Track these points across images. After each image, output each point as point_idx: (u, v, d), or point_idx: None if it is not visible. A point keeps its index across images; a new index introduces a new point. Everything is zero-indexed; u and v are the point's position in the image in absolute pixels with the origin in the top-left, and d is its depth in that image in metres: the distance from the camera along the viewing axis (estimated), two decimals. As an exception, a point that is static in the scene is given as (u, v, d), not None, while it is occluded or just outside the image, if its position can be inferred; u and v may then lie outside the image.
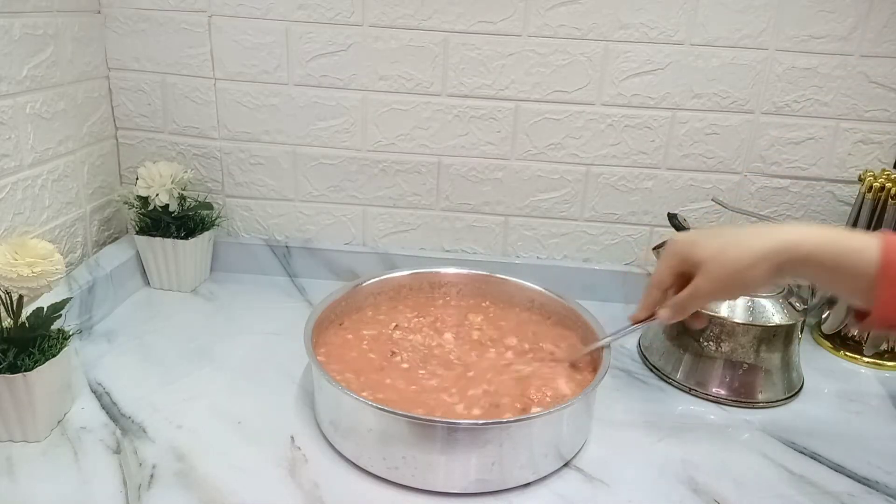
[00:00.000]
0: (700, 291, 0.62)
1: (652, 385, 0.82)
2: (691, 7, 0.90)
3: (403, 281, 0.89)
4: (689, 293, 0.63)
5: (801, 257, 0.57)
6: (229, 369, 0.80)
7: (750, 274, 0.58)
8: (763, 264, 0.58)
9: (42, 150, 0.84)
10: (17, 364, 0.62)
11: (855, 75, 0.92)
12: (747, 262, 0.58)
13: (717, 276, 0.60)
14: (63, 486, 0.60)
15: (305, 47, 0.94)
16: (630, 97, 0.94)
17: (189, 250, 0.95)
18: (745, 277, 0.59)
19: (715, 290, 0.62)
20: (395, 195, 1.02)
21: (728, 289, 0.62)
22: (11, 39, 0.77)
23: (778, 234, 0.58)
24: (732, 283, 0.60)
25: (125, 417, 0.70)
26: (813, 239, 0.56)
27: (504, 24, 0.92)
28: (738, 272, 0.59)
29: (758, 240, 0.58)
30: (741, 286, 0.61)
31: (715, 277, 0.60)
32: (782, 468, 0.68)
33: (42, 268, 0.62)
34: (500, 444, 0.60)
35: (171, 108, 0.99)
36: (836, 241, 0.56)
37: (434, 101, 0.96)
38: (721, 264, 0.60)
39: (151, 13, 0.94)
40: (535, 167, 0.99)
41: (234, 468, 0.63)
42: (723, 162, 0.97)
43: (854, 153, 0.96)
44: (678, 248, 0.64)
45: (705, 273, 0.61)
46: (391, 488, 0.62)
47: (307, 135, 0.99)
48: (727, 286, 0.61)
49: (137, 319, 0.90)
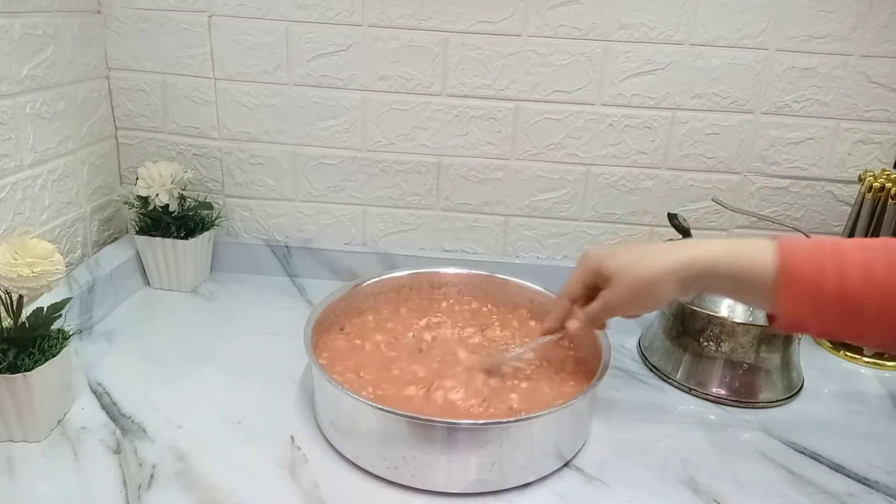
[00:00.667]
0: (609, 304, 0.64)
1: (652, 385, 0.82)
2: (691, 7, 0.90)
3: (403, 281, 0.89)
4: (599, 305, 0.65)
5: (704, 271, 0.59)
6: (229, 369, 0.80)
7: (657, 289, 0.61)
8: (670, 278, 0.60)
9: (42, 150, 0.84)
10: (17, 364, 0.62)
11: (855, 75, 0.92)
12: (654, 276, 0.60)
13: (626, 290, 0.62)
14: (63, 486, 0.60)
15: (305, 47, 0.94)
16: (630, 97, 0.94)
17: (189, 250, 0.95)
18: (652, 292, 0.61)
19: (623, 303, 0.64)
20: (395, 195, 1.02)
21: (636, 302, 0.64)
22: (11, 39, 0.77)
23: (683, 250, 0.60)
24: (640, 296, 0.63)
25: (125, 417, 0.70)
26: (713, 252, 0.59)
27: (504, 24, 0.92)
28: (645, 286, 0.61)
29: (665, 255, 0.60)
30: (649, 300, 0.63)
31: (624, 290, 0.63)
32: (782, 468, 0.68)
33: (42, 268, 0.62)
34: (500, 444, 0.60)
35: (171, 108, 0.99)
36: (736, 252, 0.58)
37: (434, 101, 0.96)
38: (630, 277, 0.62)
39: (151, 13, 0.94)
40: (535, 167, 0.99)
41: (234, 468, 0.63)
42: (723, 162, 0.97)
43: (854, 153, 0.96)
44: (590, 261, 0.66)
45: (615, 286, 0.63)
46: (391, 488, 0.62)
47: (307, 135, 0.99)
48: (635, 300, 0.63)
49: (137, 319, 0.90)
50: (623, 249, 0.64)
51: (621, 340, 0.91)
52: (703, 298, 0.81)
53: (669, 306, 0.85)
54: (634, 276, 0.62)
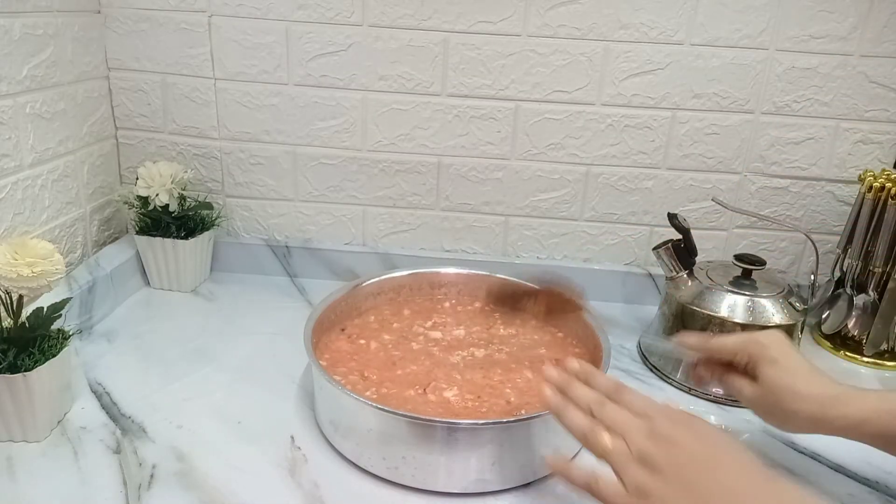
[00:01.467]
0: (744, 398, 0.62)
1: (652, 385, 0.82)
2: (691, 7, 0.90)
3: (403, 281, 0.89)
4: (737, 390, 0.63)
5: (851, 428, 0.57)
6: (229, 369, 0.80)
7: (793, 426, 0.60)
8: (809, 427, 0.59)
9: (42, 150, 0.84)
10: (17, 364, 0.62)
11: (855, 75, 0.92)
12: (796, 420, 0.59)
13: (764, 406, 0.61)
14: (63, 486, 0.60)
15: (305, 47, 0.94)
16: (630, 97, 0.94)
17: (189, 250, 0.95)
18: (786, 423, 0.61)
19: (755, 409, 0.62)
20: (395, 195, 1.02)
21: (767, 417, 0.62)
22: (11, 39, 0.77)
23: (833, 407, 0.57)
24: (774, 419, 0.61)
25: (125, 417, 0.70)
26: (864, 414, 0.56)
27: (504, 24, 0.92)
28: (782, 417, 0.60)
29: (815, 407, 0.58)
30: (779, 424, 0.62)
31: (762, 405, 0.61)
32: (782, 468, 0.68)
33: (42, 268, 0.62)
34: (500, 445, 0.60)
35: (171, 108, 0.99)
36: (885, 413, 0.56)
37: (434, 101, 0.96)
38: (774, 400, 0.59)
39: (151, 13, 0.94)
40: (535, 167, 0.99)
41: (234, 468, 0.63)
42: (723, 162, 0.97)
43: (854, 153, 0.96)
44: (755, 352, 0.61)
45: (758, 394, 0.61)
46: (391, 488, 0.62)
47: (307, 135, 0.99)
48: (768, 416, 0.62)
49: (137, 319, 0.90)
50: (791, 367, 0.60)
51: (621, 340, 0.91)
52: (702, 298, 0.81)
53: (670, 306, 0.85)
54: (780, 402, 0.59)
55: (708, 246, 1.02)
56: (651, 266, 1.02)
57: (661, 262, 0.85)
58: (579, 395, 0.54)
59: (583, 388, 0.54)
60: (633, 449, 0.47)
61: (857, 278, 0.91)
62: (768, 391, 0.60)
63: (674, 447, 0.46)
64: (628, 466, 0.47)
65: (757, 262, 0.82)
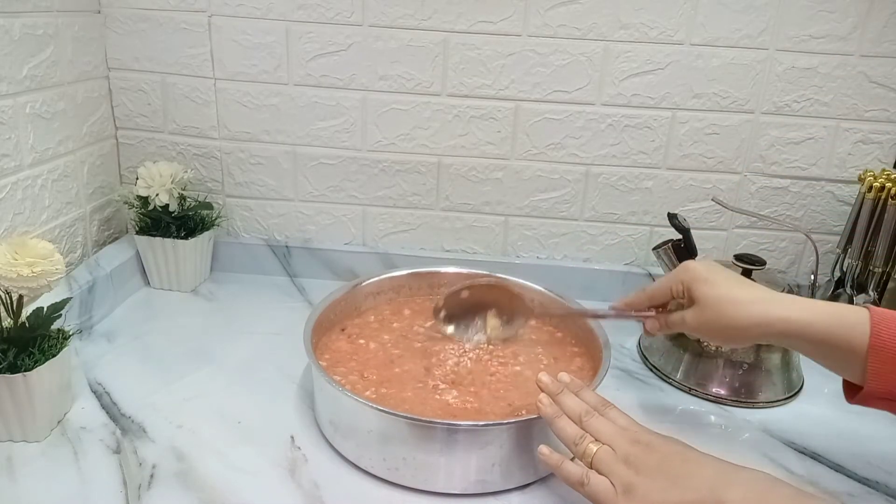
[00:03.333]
0: (687, 325, 0.64)
1: (652, 385, 0.82)
2: (691, 7, 0.90)
3: (403, 281, 0.89)
4: (679, 320, 0.65)
5: (793, 332, 0.59)
6: (229, 369, 0.80)
7: (738, 335, 0.61)
8: (754, 331, 0.60)
9: (42, 150, 0.84)
10: (17, 364, 0.62)
11: (855, 75, 0.92)
12: (739, 326, 0.60)
13: (707, 324, 0.62)
14: (63, 486, 0.60)
15: (305, 47, 0.94)
16: (630, 97, 0.94)
17: (189, 250, 0.95)
18: (732, 336, 0.62)
19: (700, 332, 0.64)
20: (395, 195, 1.02)
21: (713, 336, 0.65)
22: (11, 39, 0.77)
23: (773, 307, 0.59)
24: (719, 335, 0.63)
25: (125, 417, 0.70)
26: (805, 316, 0.58)
27: (504, 24, 0.92)
28: (727, 329, 0.61)
29: (755, 308, 0.60)
30: (725, 339, 0.66)
31: (705, 323, 0.62)
32: (782, 468, 0.68)
33: (42, 268, 0.62)
34: (500, 446, 0.60)
35: (171, 108, 0.99)
36: (827, 317, 0.57)
37: (434, 101, 0.96)
38: (715, 315, 0.61)
39: (151, 13, 0.94)
40: (535, 167, 0.99)
41: (234, 468, 0.63)
42: (723, 162, 0.97)
43: (854, 153, 0.96)
44: (685, 277, 0.64)
45: (699, 314, 0.63)
46: (391, 489, 0.62)
47: (307, 135, 0.99)
48: (713, 334, 0.64)
49: (137, 319, 0.90)
50: (722, 280, 0.62)
51: (621, 340, 0.91)
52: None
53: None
54: (719, 318, 0.61)
55: (708, 246, 1.02)
56: (651, 266, 1.02)
57: (661, 262, 0.85)
58: (569, 405, 0.60)
59: (573, 398, 0.61)
60: (620, 453, 0.54)
61: (857, 278, 0.91)
62: (708, 307, 0.61)
63: (654, 451, 0.54)
64: (616, 467, 0.54)
65: (757, 262, 0.82)
